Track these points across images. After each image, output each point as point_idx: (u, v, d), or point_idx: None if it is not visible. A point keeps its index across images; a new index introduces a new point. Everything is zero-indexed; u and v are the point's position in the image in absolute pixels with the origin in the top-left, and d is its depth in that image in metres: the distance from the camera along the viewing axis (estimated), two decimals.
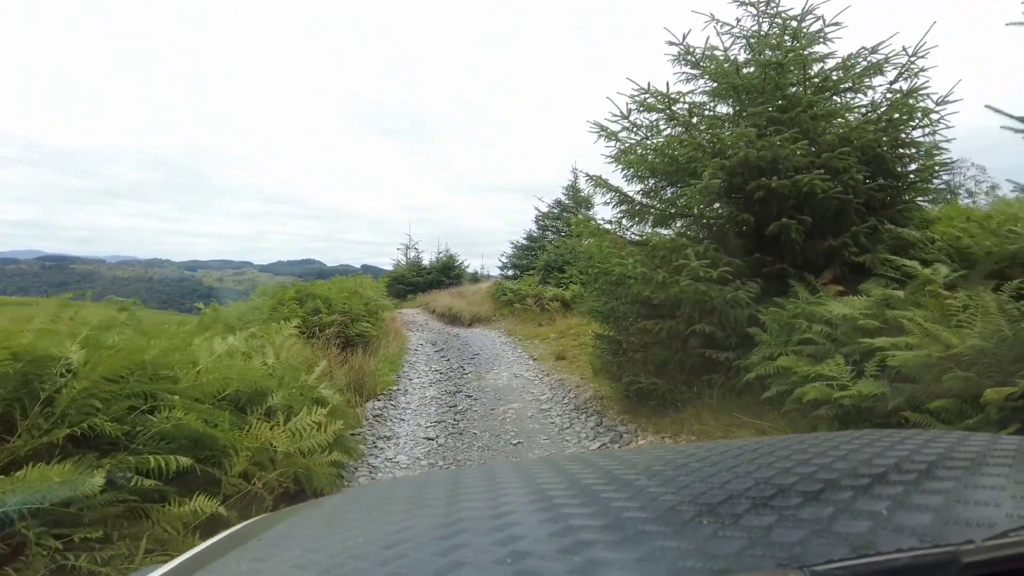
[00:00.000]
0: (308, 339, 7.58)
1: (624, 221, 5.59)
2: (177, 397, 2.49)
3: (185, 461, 2.25)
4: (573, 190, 17.65)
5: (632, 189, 5.58)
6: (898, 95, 4.56)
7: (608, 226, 5.47)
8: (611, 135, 5.43)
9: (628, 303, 4.82)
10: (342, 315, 8.24)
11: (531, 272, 15.85)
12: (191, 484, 2.37)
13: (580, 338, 10.19)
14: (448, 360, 9.55)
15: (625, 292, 4.88)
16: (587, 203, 17.60)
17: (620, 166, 5.37)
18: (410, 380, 8.03)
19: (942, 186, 5.05)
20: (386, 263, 24.71)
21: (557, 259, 14.61)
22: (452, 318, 16.42)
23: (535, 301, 13.59)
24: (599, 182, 5.49)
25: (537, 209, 18.86)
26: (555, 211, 18.06)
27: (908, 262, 3.46)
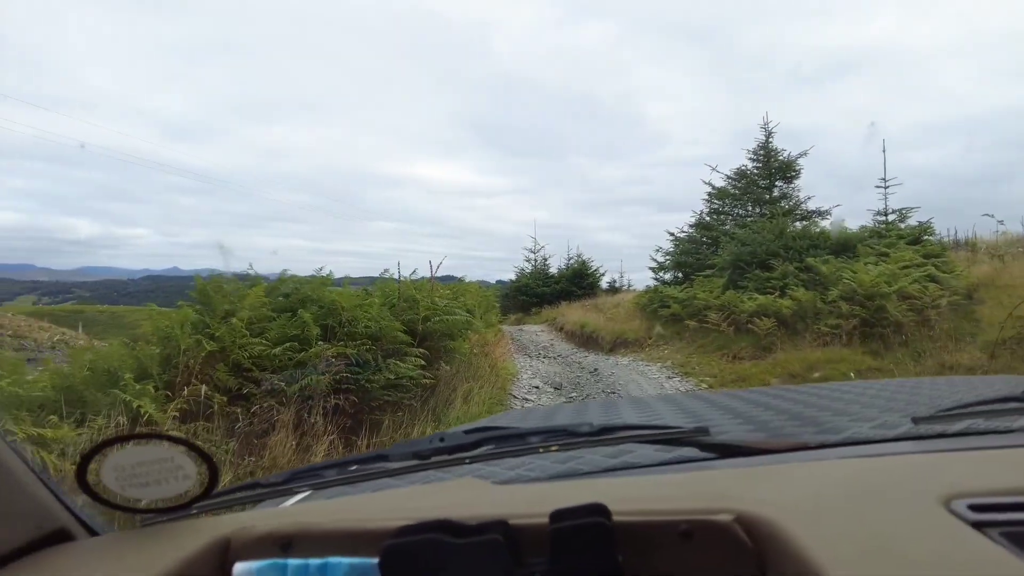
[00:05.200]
0: (259, 405, 3.39)
1: None
2: None
3: None
4: (766, 153, 11.88)
5: None
6: None
7: None
8: None
9: None
10: (357, 343, 3.95)
11: (708, 273, 10.43)
12: None
13: None
14: None
15: None
16: (788, 169, 11.77)
17: None
18: None
19: None
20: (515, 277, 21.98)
21: (755, 250, 9.08)
22: (586, 339, 11.86)
23: (723, 317, 8.36)
24: None
25: (709, 184, 13.01)
26: (738, 186, 12.30)
27: None
